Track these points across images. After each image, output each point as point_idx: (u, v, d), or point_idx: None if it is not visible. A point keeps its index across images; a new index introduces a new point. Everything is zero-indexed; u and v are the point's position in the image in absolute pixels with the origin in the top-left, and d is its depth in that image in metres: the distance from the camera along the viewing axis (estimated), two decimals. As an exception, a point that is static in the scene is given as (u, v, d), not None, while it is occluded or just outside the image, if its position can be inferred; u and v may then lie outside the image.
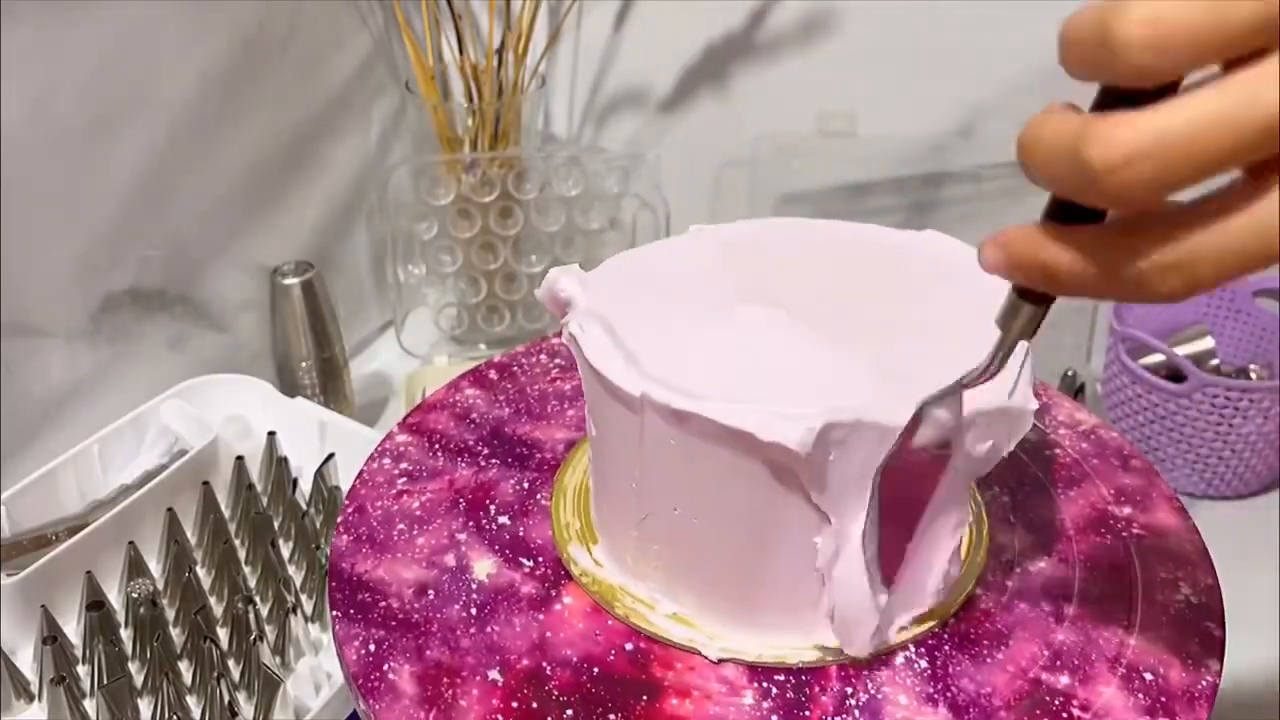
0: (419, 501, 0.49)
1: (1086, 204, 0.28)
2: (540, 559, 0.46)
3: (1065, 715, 0.39)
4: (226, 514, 0.70)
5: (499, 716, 0.39)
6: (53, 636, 0.59)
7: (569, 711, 0.39)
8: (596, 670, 0.41)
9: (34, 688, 0.61)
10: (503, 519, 0.48)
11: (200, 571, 0.67)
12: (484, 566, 0.45)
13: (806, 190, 0.91)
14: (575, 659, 0.41)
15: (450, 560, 0.46)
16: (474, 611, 0.43)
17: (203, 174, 0.79)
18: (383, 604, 0.44)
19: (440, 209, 0.90)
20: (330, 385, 0.85)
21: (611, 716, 0.39)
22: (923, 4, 0.82)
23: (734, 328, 0.42)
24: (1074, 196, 0.27)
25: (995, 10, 0.78)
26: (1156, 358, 0.79)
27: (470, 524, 0.47)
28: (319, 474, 0.70)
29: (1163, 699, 0.39)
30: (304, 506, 0.70)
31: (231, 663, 0.61)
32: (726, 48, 0.90)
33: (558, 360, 0.58)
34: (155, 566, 0.67)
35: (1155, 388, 0.76)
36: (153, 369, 0.78)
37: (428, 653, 0.42)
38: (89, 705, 0.58)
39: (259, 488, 0.72)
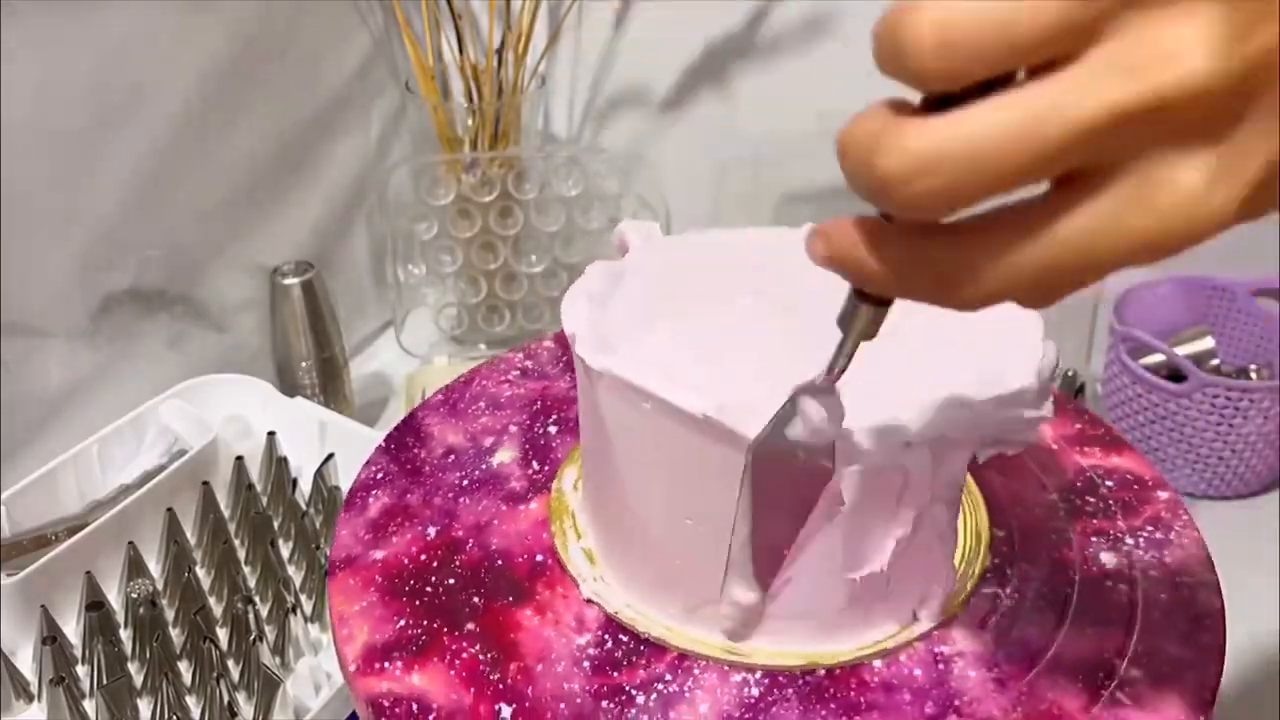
0: (511, 392, 0.55)
1: (885, 210, 0.26)
2: (547, 469, 0.50)
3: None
4: (226, 514, 0.70)
5: (405, 559, 0.45)
6: (52, 636, 0.59)
7: (450, 580, 0.44)
8: (500, 563, 0.45)
9: (34, 688, 0.61)
10: (552, 429, 0.52)
11: (200, 571, 0.67)
12: (503, 455, 0.51)
13: (807, 190, 0.91)
14: (494, 547, 0.46)
15: (488, 441, 0.52)
16: (465, 483, 0.49)
17: (202, 174, 0.79)
18: (416, 449, 0.51)
19: (440, 209, 0.90)
20: (330, 385, 0.85)
21: (475, 599, 0.43)
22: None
23: (727, 325, 0.42)
24: (876, 204, 0.26)
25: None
26: (1156, 358, 0.79)
27: (528, 422, 0.53)
28: (319, 474, 0.70)
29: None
30: (304, 506, 0.70)
31: (231, 663, 0.61)
32: (726, 48, 0.90)
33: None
34: (155, 566, 0.67)
35: (1155, 388, 0.76)
36: (152, 369, 0.78)
37: (407, 495, 0.49)
38: (89, 705, 0.58)
39: (259, 488, 0.72)
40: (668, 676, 0.40)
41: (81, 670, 0.61)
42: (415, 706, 0.39)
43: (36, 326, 0.70)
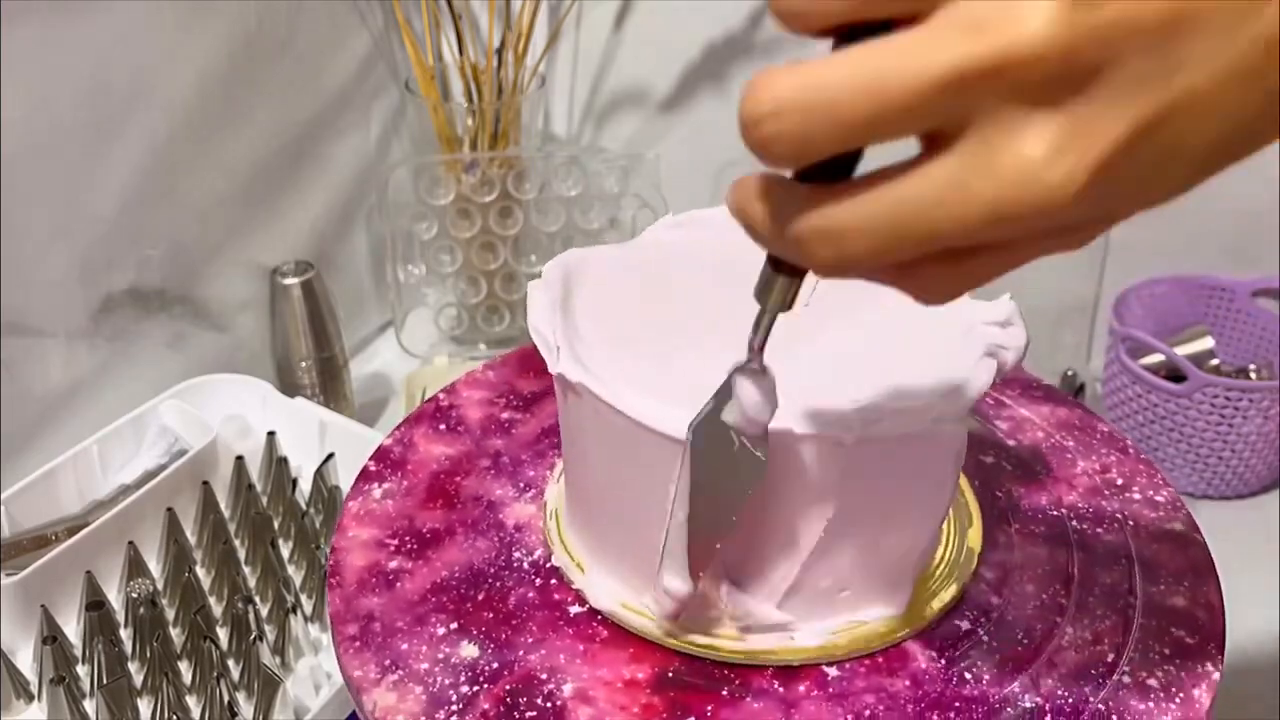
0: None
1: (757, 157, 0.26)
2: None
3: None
4: (226, 514, 0.70)
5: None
6: (52, 636, 0.59)
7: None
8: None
9: (34, 688, 0.61)
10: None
11: (200, 571, 0.67)
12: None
13: (806, 190, 0.91)
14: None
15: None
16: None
17: (202, 174, 0.79)
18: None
19: (440, 209, 0.90)
20: (330, 385, 0.85)
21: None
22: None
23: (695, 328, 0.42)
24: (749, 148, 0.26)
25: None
26: (1156, 358, 0.79)
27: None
28: (319, 474, 0.70)
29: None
30: (304, 506, 0.70)
31: (231, 663, 0.61)
32: (726, 48, 0.90)
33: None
34: (155, 566, 0.67)
35: (1155, 388, 0.76)
36: (152, 369, 0.78)
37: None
38: (89, 705, 0.58)
39: (259, 488, 0.72)
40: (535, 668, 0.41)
41: (82, 670, 0.61)
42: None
43: (36, 326, 0.70)
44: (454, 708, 0.39)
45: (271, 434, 0.73)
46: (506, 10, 0.87)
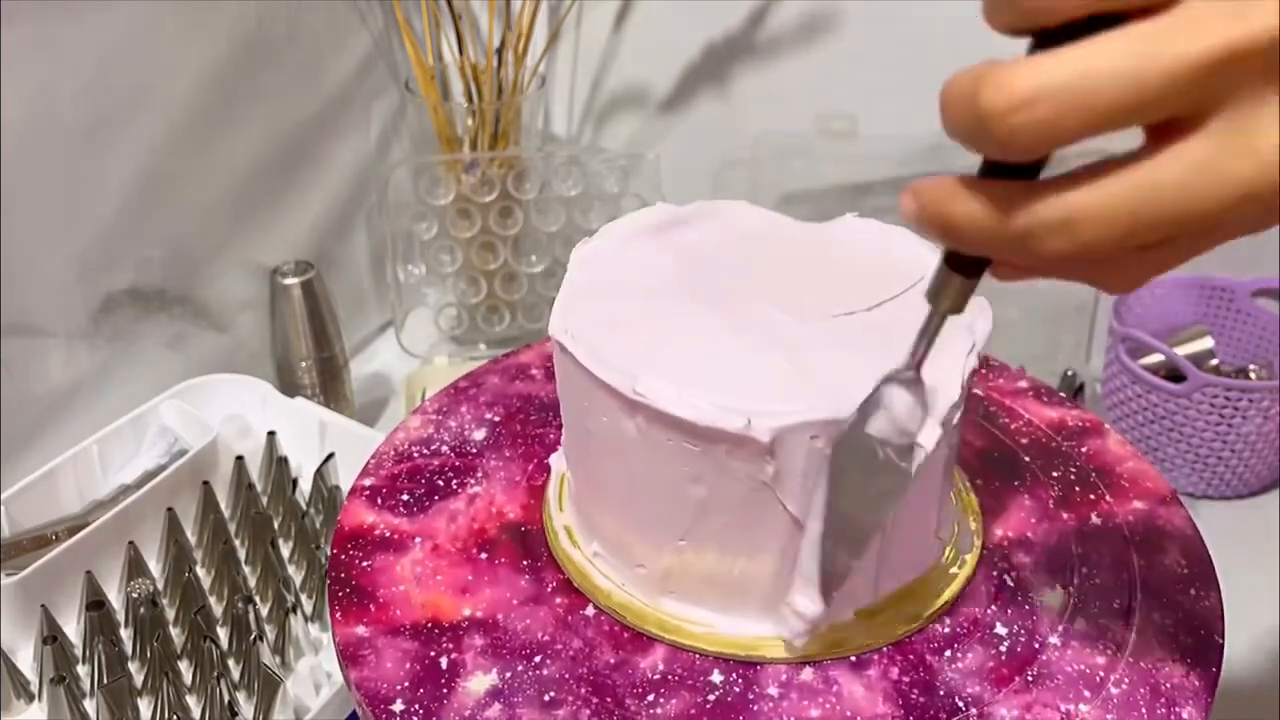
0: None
1: (983, 154, 0.27)
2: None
3: None
4: (226, 514, 0.70)
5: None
6: (53, 636, 0.59)
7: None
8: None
9: (34, 687, 0.61)
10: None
11: (200, 571, 0.67)
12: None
13: (806, 190, 0.91)
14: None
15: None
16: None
17: (202, 174, 0.79)
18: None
19: (440, 209, 0.90)
20: (330, 385, 0.85)
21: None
22: (923, 4, 0.82)
23: (692, 325, 0.42)
24: (972, 146, 0.26)
25: (995, 10, 0.78)
26: (1156, 358, 0.79)
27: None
28: (319, 474, 0.70)
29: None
30: (304, 506, 0.70)
31: (231, 662, 0.61)
32: (726, 48, 0.90)
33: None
34: (155, 566, 0.67)
35: (1155, 388, 0.76)
36: (152, 369, 0.78)
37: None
38: (89, 705, 0.58)
39: (259, 488, 0.72)
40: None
41: (82, 670, 0.61)
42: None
43: (36, 326, 0.70)
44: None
45: (271, 434, 0.73)
46: (506, 10, 0.87)
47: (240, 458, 0.71)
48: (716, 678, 0.40)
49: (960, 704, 0.39)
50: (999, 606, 0.43)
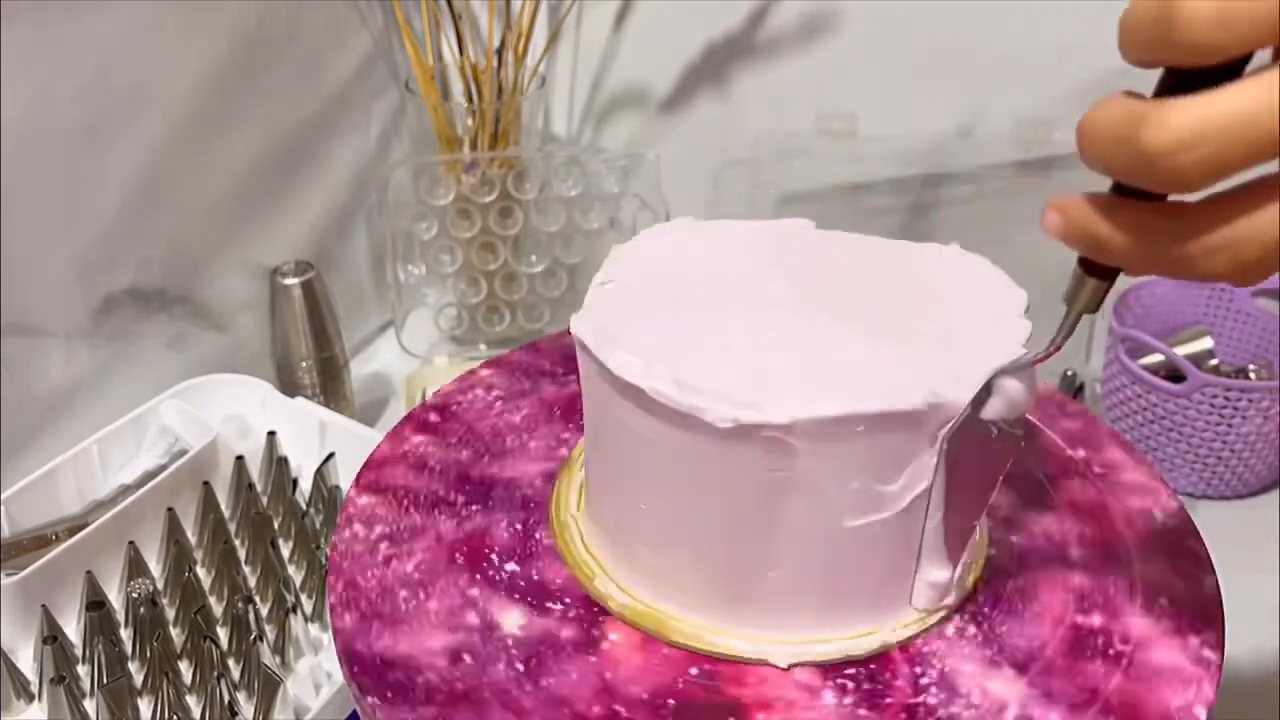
0: (412, 564, 0.45)
1: (1144, 188, 0.28)
2: (567, 600, 0.43)
3: (1110, 650, 0.41)
4: (226, 514, 0.70)
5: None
6: (53, 636, 0.59)
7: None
8: (672, 702, 0.39)
9: (34, 687, 0.61)
10: (510, 565, 0.45)
11: (200, 571, 0.67)
12: (512, 619, 0.42)
13: (806, 190, 0.91)
14: (645, 695, 0.39)
15: (473, 619, 0.42)
16: (521, 668, 0.40)
17: (202, 174, 0.79)
18: (420, 680, 0.40)
19: (440, 209, 0.90)
20: (330, 385, 0.85)
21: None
22: (923, 4, 0.82)
23: (735, 325, 0.42)
24: (1131, 181, 0.28)
25: (995, 10, 0.78)
26: (1156, 358, 0.79)
27: (478, 577, 0.44)
28: (319, 474, 0.70)
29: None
30: (304, 506, 0.70)
31: (231, 662, 0.61)
32: (726, 48, 0.90)
33: (495, 392, 0.55)
34: (155, 566, 0.67)
35: (1155, 388, 0.76)
36: (153, 369, 0.78)
37: None
38: (89, 705, 0.58)
39: (259, 488, 0.72)
40: (917, 670, 0.41)
41: (82, 670, 0.61)
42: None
43: (36, 326, 0.70)
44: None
45: (272, 434, 0.73)
46: (506, 10, 0.87)
47: (240, 458, 0.71)
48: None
49: (1021, 659, 0.40)
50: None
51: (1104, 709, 0.39)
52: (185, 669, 0.61)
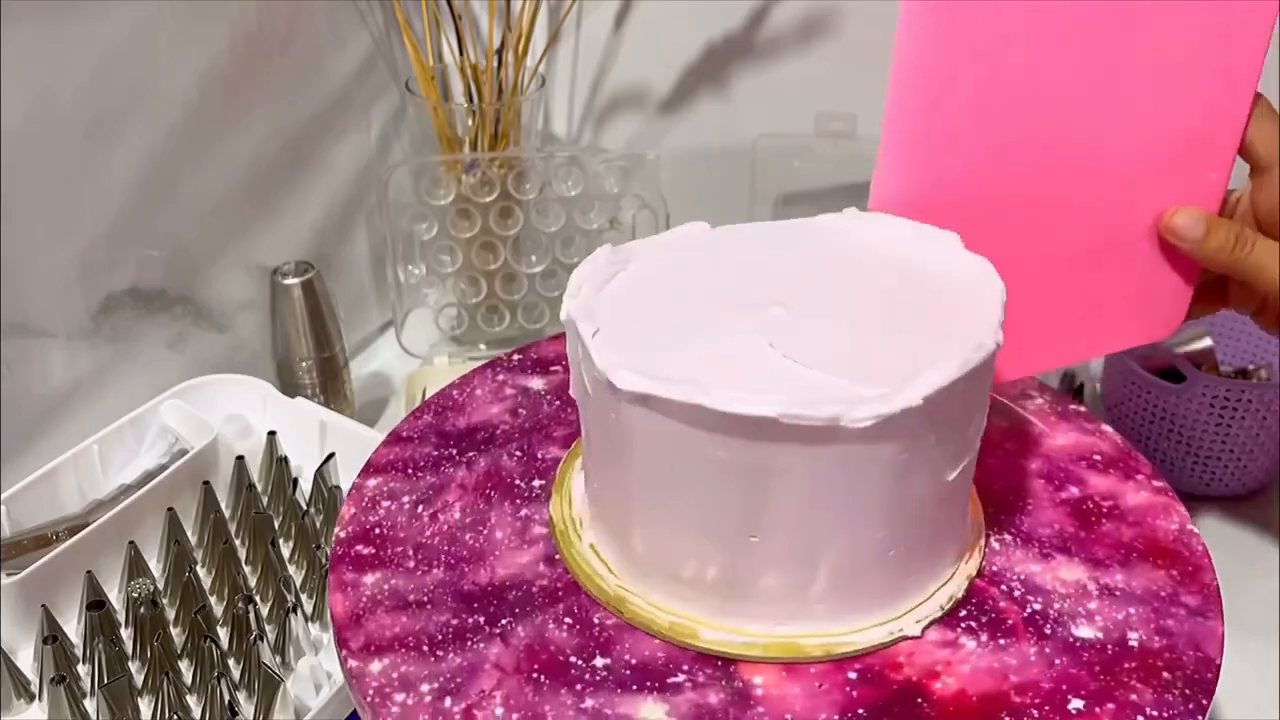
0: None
1: None
2: (685, 667, 0.41)
3: (1104, 509, 0.48)
4: (226, 514, 0.70)
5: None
6: (53, 636, 0.59)
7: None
8: (862, 711, 0.39)
9: (34, 687, 0.61)
10: (598, 660, 0.41)
11: (200, 571, 0.67)
12: (654, 713, 0.39)
13: (806, 190, 0.91)
14: (836, 716, 0.39)
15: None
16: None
17: (203, 174, 0.79)
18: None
19: (440, 209, 0.90)
20: (330, 385, 0.85)
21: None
22: (922, 4, 0.82)
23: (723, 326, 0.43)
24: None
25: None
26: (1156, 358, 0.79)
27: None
28: (319, 474, 0.70)
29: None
30: (304, 506, 0.70)
31: (231, 662, 0.61)
32: (726, 48, 0.90)
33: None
34: (155, 566, 0.67)
35: (1155, 387, 0.76)
36: (153, 369, 0.78)
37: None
38: (89, 705, 0.58)
39: (259, 488, 0.72)
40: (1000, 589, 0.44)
41: (82, 669, 0.61)
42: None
43: (36, 326, 0.70)
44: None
45: (272, 434, 0.73)
46: (506, 10, 0.87)
47: (240, 458, 0.71)
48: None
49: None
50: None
51: (1138, 554, 0.45)
52: (185, 669, 0.61)
